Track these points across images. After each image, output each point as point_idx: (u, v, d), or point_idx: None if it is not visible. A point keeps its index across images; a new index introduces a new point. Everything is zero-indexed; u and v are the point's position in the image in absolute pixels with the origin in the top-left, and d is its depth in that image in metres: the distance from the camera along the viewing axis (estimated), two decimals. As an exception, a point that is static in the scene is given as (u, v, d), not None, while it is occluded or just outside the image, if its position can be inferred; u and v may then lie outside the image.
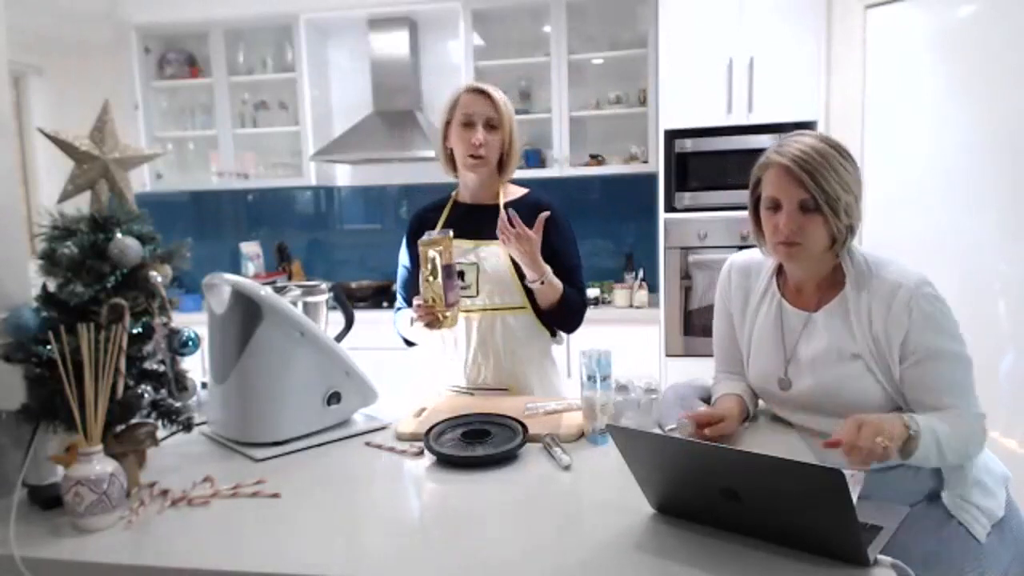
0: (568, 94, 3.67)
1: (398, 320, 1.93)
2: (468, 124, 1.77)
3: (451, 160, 1.85)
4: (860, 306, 1.33)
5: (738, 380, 1.56)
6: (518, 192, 1.89)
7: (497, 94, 1.79)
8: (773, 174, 1.33)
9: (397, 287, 1.98)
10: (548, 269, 1.73)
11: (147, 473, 1.30)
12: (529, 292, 1.79)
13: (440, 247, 1.63)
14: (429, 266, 1.63)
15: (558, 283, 1.75)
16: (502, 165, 1.83)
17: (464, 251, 1.80)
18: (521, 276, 1.77)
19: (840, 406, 1.35)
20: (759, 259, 1.51)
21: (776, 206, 1.34)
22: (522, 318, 1.82)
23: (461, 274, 1.77)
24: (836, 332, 1.36)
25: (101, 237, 1.23)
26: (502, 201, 1.83)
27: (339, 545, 1.05)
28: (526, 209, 1.81)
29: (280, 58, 4.06)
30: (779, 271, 1.48)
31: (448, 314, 1.66)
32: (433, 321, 1.67)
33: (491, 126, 1.78)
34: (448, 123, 1.81)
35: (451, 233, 1.66)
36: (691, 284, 3.32)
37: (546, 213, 1.70)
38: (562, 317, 1.82)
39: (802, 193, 1.29)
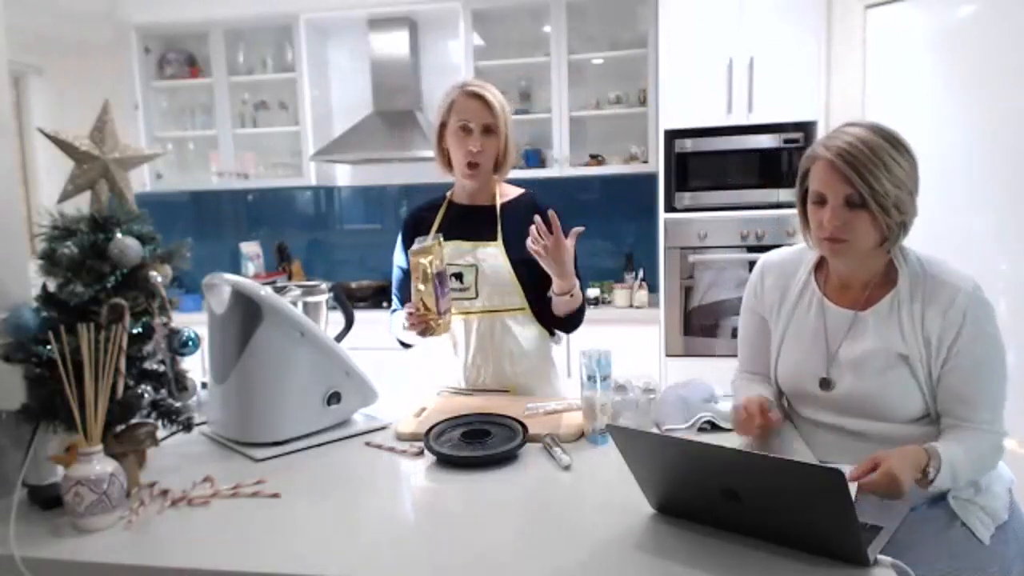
0: (568, 94, 3.67)
1: (393, 322, 1.92)
2: (464, 130, 1.74)
3: (447, 160, 1.83)
4: (913, 308, 1.29)
5: (761, 383, 1.53)
6: (515, 192, 1.88)
7: (494, 98, 1.75)
8: (819, 168, 1.28)
9: (393, 288, 1.96)
10: (577, 282, 1.71)
11: (147, 473, 1.30)
12: (531, 293, 1.78)
13: (430, 255, 1.59)
14: (420, 274, 1.60)
15: (580, 294, 1.74)
16: (498, 166, 1.81)
17: (462, 252, 1.79)
18: (519, 277, 1.77)
19: (880, 409, 1.33)
20: (794, 256, 1.47)
21: (822, 201, 1.28)
22: (521, 319, 1.82)
23: (460, 276, 1.76)
24: (886, 333, 1.32)
25: (101, 237, 1.23)
26: (499, 202, 1.83)
27: (339, 545, 1.05)
28: (523, 210, 1.80)
29: (280, 58, 4.06)
30: (818, 267, 1.44)
31: (440, 322, 1.63)
32: (425, 329, 1.64)
33: (488, 131, 1.75)
34: (444, 124, 1.78)
35: (441, 238, 1.64)
36: (691, 284, 3.32)
37: (580, 229, 1.68)
38: (571, 322, 1.81)
39: (847, 189, 1.24)
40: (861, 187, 1.23)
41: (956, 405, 1.29)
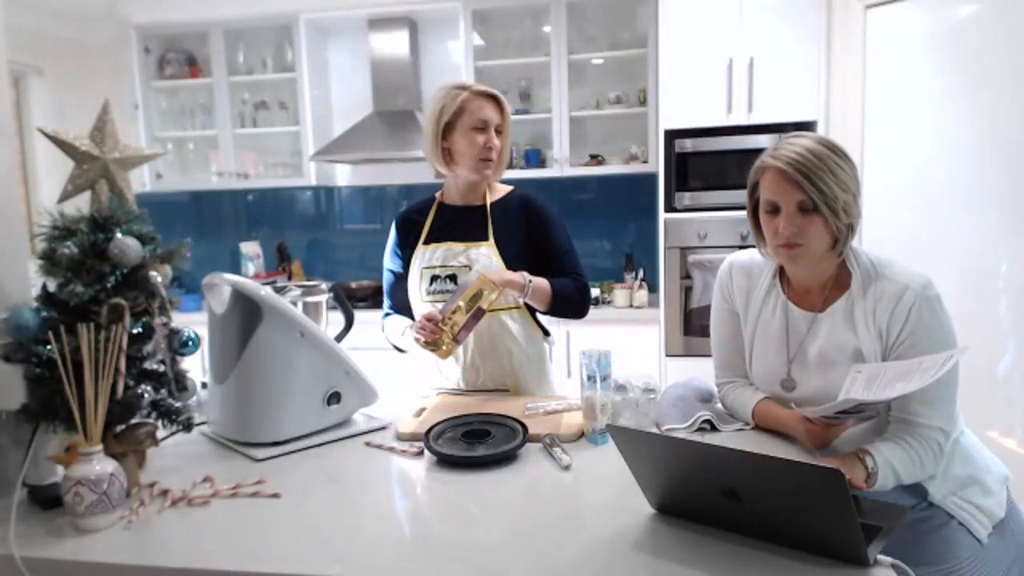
0: (568, 94, 3.67)
1: (386, 326, 1.92)
2: (481, 128, 1.77)
3: (448, 159, 1.82)
4: (866, 304, 1.33)
5: (750, 386, 1.53)
6: (503, 190, 1.90)
7: (504, 100, 1.82)
8: (770, 177, 1.33)
9: (384, 292, 1.96)
10: (523, 275, 1.72)
11: (147, 473, 1.30)
12: None
13: (493, 291, 1.62)
14: (470, 296, 1.63)
15: (542, 281, 1.75)
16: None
17: (455, 254, 1.80)
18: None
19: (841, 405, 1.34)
20: (760, 260, 1.50)
21: (775, 209, 1.34)
22: (518, 318, 1.82)
23: (454, 277, 1.78)
24: (842, 332, 1.35)
25: (101, 237, 1.23)
26: (489, 201, 1.85)
27: (339, 545, 1.05)
28: (514, 205, 1.84)
29: (280, 58, 4.07)
30: (781, 273, 1.48)
31: (449, 345, 1.65)
32: (429, 342, 1.66)
33: (498, 131, 1.81)
34: (448, 123, 1.77)
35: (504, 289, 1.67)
36: (691, 284, 3.32)
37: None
38: (563, 307, 1.81)
39: (799, 195, 1.29)
40: (812, 192, 1.28)
41: (899, 400, 1.28)
